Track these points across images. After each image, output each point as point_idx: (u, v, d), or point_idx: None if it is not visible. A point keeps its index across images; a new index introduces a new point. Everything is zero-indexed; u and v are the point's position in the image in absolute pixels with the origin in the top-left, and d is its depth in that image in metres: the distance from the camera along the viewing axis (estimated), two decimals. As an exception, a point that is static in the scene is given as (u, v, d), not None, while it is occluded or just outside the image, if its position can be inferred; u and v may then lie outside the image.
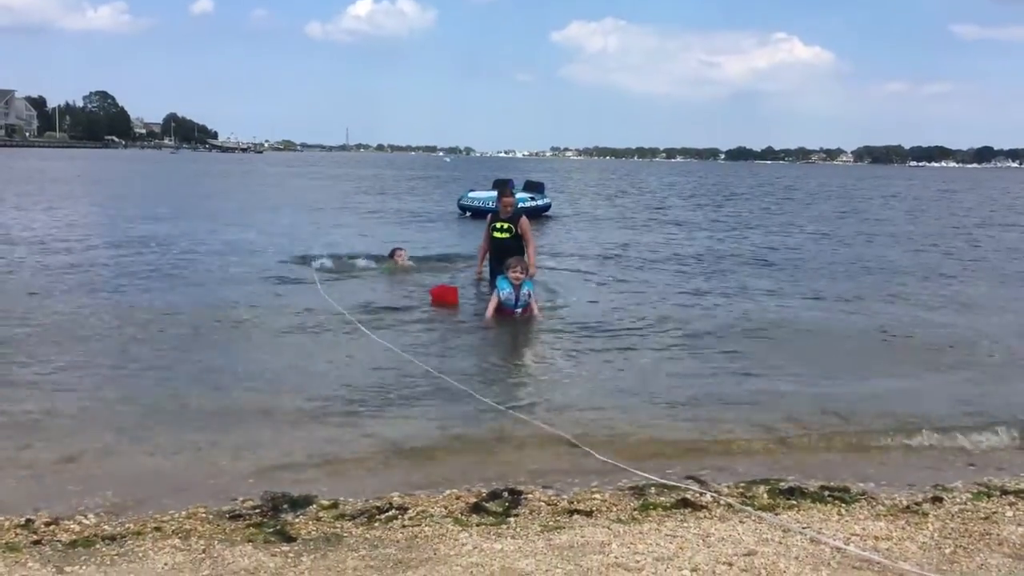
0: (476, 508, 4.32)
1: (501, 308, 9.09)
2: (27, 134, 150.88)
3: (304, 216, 24.19)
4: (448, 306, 9.99)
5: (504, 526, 4.07)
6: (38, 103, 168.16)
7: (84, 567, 3.53)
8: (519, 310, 9.16)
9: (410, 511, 4.26)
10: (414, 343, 8.16)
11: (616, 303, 10.74)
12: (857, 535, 4.02)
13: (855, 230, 23.42)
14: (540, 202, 24.75)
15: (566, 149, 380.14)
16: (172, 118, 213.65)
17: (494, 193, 23.58)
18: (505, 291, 9.07)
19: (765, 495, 4.58)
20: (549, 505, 4.40)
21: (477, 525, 4.08)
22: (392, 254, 13.38)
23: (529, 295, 9.23)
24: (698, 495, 4.55)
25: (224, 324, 8.96)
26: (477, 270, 11.63)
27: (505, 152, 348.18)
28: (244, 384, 6.68)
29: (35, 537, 3.85)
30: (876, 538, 3.98)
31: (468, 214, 23.78)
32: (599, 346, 8.26)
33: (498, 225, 10.72)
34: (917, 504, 4.53)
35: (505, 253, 10.06)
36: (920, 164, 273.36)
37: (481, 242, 11.28)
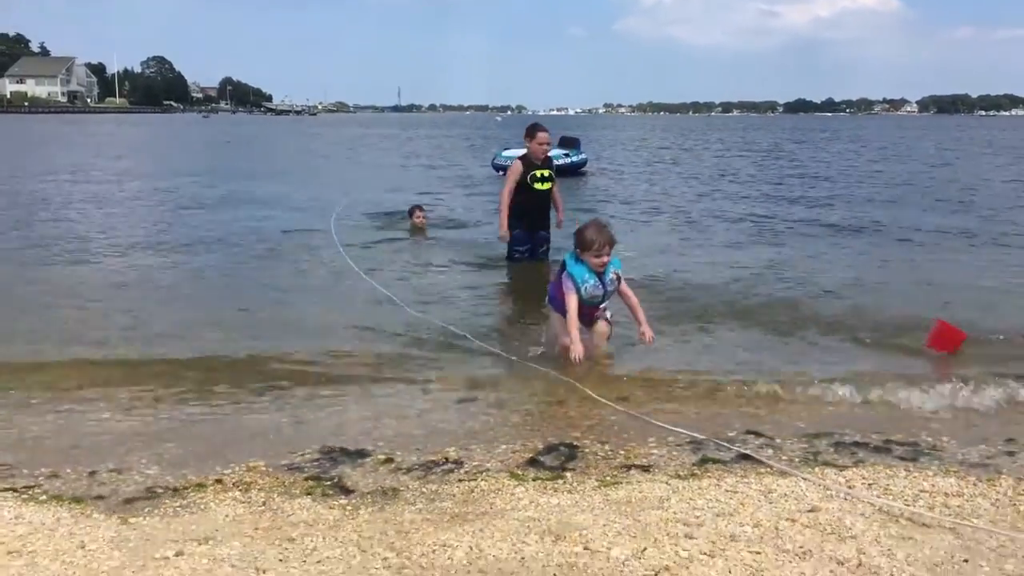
0: (532, 463, 4.28)
1: (581, 307, 5.95)
2: (88, 100, 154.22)
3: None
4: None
5: (560, 481, 4.03)
6: (98, 69, 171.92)
7: (148, 518, 3.58)
8: (603, 306, 6.26)
9: (466, 465, 4.24)
10: (441, 303, 8.08)
11: (670, 262, 10.56)
12: (926, 491, 3.88)
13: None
14: (575, 158, 24.21)
15: (619, 105, 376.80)
16: (228, 82, 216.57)
17: None
18: (590, 283, 5.89)
19: (831, 450, 4.46)
20: (605, 460, 4.34)
21: (533, 479, 4.04)
22: (411, 213, 13.27)
23: (619, 278, 6.03)
24: (758, 450, 4.45)
25: (270, 284, 9.07)
26: (502, 231, 9.28)
27: (558, 110, 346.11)
28: (299, 341, 6.73)
29: (100, 489, 3.93)
30: (946, 495, 3.84)
31: (502, 173, 23.61)
32: (658, 307, 8.10)
33: (539, 174, 9.03)
34: (989, 459, 4.36)
35: (547, 210, 8.98)
36: (989, 113, 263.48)
37: (504, 197, 9.18)
